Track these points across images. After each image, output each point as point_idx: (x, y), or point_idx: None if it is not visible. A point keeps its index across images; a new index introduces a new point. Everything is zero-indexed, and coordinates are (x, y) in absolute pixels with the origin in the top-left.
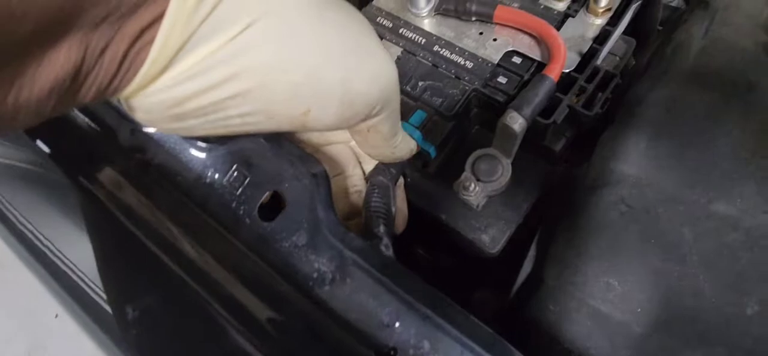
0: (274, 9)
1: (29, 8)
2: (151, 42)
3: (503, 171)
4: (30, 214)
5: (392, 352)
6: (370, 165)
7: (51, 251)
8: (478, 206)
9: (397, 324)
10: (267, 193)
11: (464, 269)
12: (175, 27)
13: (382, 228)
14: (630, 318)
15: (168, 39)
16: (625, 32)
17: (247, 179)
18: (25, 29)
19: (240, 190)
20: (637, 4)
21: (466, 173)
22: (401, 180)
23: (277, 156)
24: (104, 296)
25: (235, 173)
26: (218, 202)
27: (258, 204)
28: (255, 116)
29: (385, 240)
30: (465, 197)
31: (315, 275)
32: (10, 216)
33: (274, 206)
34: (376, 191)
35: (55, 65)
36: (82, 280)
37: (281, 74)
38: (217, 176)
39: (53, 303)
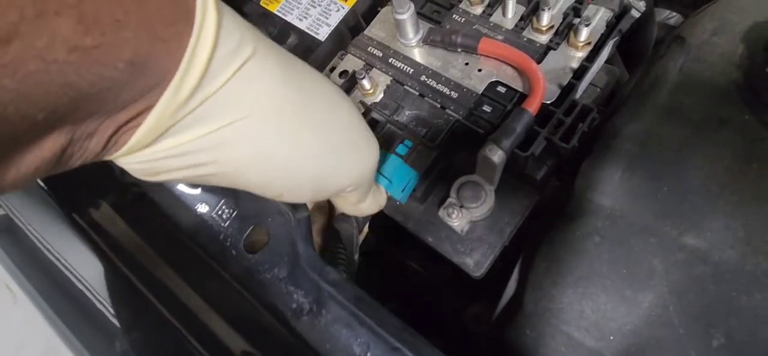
0: (257, 111)
1: (25, 112)
2: (136, 127)
3: (486, 198)
4: (36, 223)
5: None
6: None
7: (60, 262)
8: (462, 230)
9: (368, 353)
10: (252, 226)
11: (457, 283)
12: (161, 119)
13: (343, 274)
14: (602, 346)
15: (152, 129)
16: (619, 53)
17: (235, 212)
18: (18, 130)
19: (227, 222)
20: (616, 39)
21: (451, 199)
22: (366, 227)
23: None
24: (110, 307)
25: (224, 207)
26: (207, 234)
27: (244, 237)
28: (232, 185)
29: None
30: (450, 222)
31: (294, 306)
32: (19, 224)
33: (258, 238)
34: (340, 239)
35: (41, 151)
36: (88, 290)
37: (255, 168)
38: (206, 209)
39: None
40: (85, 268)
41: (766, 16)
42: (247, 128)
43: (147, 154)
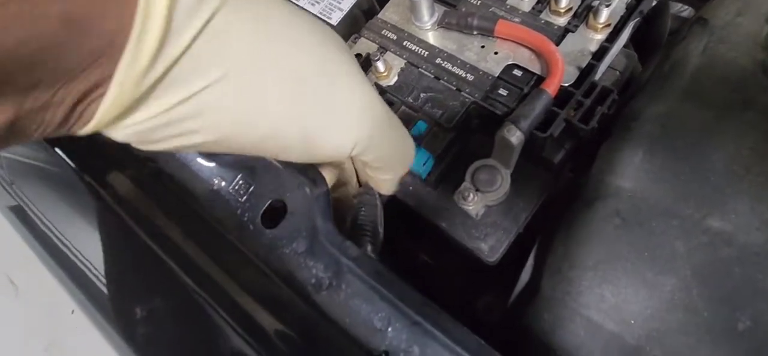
0: (233, 72)
1: None
2: (100, 98)
3: (502, 182)
4: (48, 212)
5: (383, 355)
6: None
7: (67, 247)
8: (477, 215)
9: (389, 329)
10: (270, 201)
11: (469, 274)
12: (124, 86)
13: (369, 247)
14: (622, 329)
15: (118, 99)
16: (633, 44)
17: (252, 188)
18: None
19: (245, 197)
20: (637, 20)
21: (466, 183)
22: None
23: (279, 164)
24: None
25: (241, 181)
26: (224, 208)
27: (261, 211)
28: (228, 150)
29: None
30: (464, 206)
31: (313, 280)
32: (30, 213)
33: (276, 213)
34: (363, 209)
35: None
36: (97, 277)
37: (241, 133)
38: (223, 184)
39: (69, 298)
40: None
41: None
42: (224, 92)
43: (127, 125)
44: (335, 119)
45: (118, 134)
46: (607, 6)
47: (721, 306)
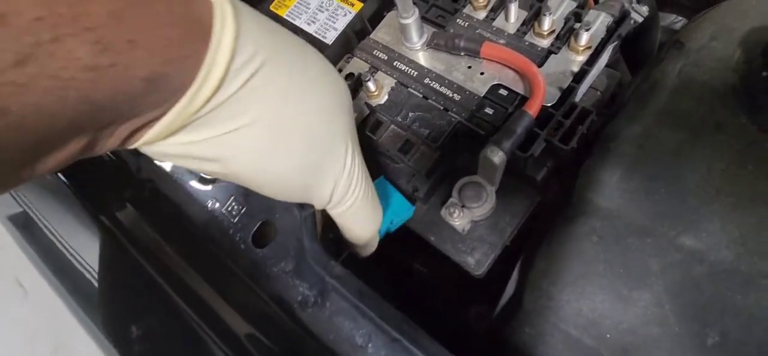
0: (259, 121)
1: (46, 122)
2: (151, 128)
3: (487, 198)
4: (51, 218)
5: None
6: None
7: (70, 254)
8: (464, 229)
9: (369, 345)
10: (260, 222)
11: (460, 284)
12: (174, 123)
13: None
14: (599, 344)
15: (164, 130)
16: (624, 59)
17: (244, 209)
18: (41, 137)
19: (237, 218)
20: (615, 44)
21: (452, 199)
22: None
23: None
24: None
25: (234, 203)
26: (218, 228)
27: (252, 232)
28: (232, 181)
29: None
30: (451, 221)
31: (299, 298)
32: (35, 219)
33: (265, 233)
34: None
35: (65, 150)
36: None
37: (252, 173)
38: (217, 205)
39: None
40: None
41: (763, 22)
42: (248, 137)
43: (159, 145)
44: (326, 176)
45: (148, 150)
46: (587, 30)
47: (692, 321)
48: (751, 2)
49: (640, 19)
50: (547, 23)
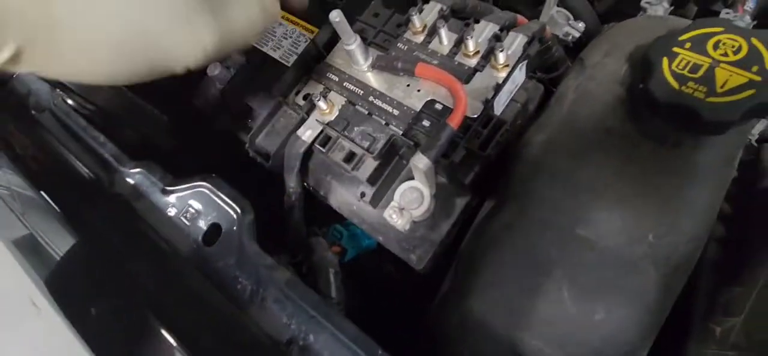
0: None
1: None
2: None
3: (424, 200)
4: (53, 239)
5: (287, 342)
6: None
7: None
8: (404, 229)
9: (292, 323)
10: (209, 225)
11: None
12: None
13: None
14: (510, 323)
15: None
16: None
17: (196, 214)
18: None
19: (190, 223)
20: (525, 61)
21: (393, 203)
22: None
23: (217, 198)
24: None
25: (189, 210)
26: (174, 230)
27: (202, 233)
28: None
29: None
30: (392, 222)
31: (239, 287)
32: (40, 241)
33: (214, 233)
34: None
35: None
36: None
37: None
38: (175, 212)
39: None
40: None
41: (647, 40)
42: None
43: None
44: None
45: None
46: (501, 50)
47: (583, 301)
48: (640, 23)
49: (577, 34)
50: (471, 45)
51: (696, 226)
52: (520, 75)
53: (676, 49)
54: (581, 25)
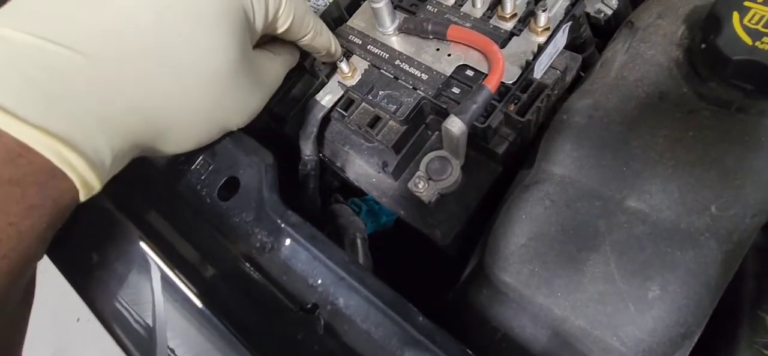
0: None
1: None
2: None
3: (452, 170)
4: None
5: (312, 307)
6: None
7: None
8: (430, 202)
9: (319, 283)
10: (226, 177)
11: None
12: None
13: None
14: (551, 301)
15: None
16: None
17: (211, 167)
18: None
19: (204, 175)
20: (568, 24)
21: (419, 172)
22: None
23: (236, 147)
24: (123, 300)
25: (202, 162)
26: (186, 184)
27: (218, 187)
28: None
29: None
30: (418, 193)
31: (257, 244)
32: None
33: (230, 188)
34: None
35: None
36: (103, 281)
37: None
38: (187, 164)
39: (75, 306)
40: None
41: (706, 1)
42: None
43: None
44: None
45: None
46: (544, 11)
47: (635, 277)
48: None
49: (609, 12)
50: (509, 7)
51: (762, 200)
52: (562, 39)
53: (747, 3)
54: (614, 2)
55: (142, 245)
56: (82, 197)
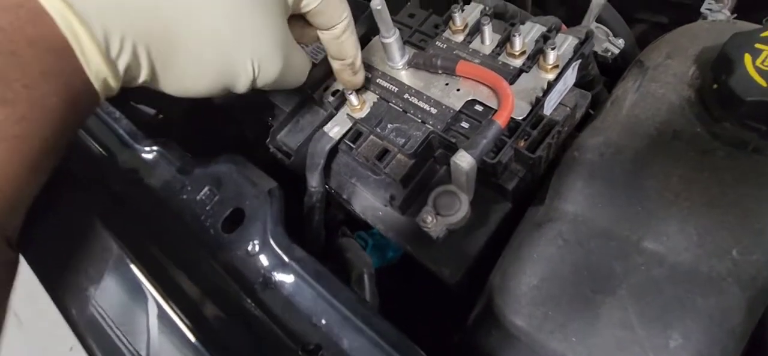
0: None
1: None
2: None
3: (461, 206)
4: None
5: (315, 347)
6: None
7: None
8: (438, 238)
9: (322, 323)
10: (231, 209)
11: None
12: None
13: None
14: (565, 347)
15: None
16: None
17: (216, 197)
18: None
19: (209, 206)
20: (578, 61)
21: (427, 207)
22: None
23: (242, 177)
24: (118, 331)
25: (207, 192)
26: (191, 214)
27: (222, 218)
28: None
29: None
30: (425, 228)
31: (260, 279)
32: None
33: (235, 219)
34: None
35: None
36: (98, 312)
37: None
38: (192, 194)
39: (68, 335)
40: None
41: (714, 42)
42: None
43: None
44: None
45: None
46: (553, 49)
47: (654, 323)
48: (702, 26)
49: (616, 51)
50: (518, 44)
51: None
52: (571, 76)
53: (759, 46)
54: (621, 42)
55: (140, 276)
56: (91, 76)
